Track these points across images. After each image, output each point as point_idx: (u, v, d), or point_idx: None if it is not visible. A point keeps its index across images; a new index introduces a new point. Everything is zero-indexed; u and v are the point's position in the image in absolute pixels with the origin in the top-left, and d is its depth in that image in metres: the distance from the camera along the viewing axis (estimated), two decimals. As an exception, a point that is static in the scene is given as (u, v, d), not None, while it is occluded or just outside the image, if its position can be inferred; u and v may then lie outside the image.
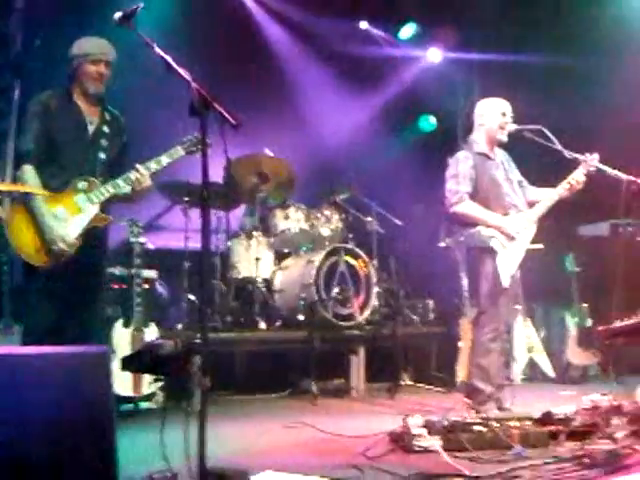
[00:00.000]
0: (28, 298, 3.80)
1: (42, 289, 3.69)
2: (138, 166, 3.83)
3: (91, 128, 3.90)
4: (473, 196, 4.50)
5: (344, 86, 7.95)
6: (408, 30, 8.38)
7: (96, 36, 3.93)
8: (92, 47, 3.87)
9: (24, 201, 3.66)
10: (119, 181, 3.80)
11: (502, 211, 4.51)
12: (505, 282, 4.39)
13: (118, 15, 3.08)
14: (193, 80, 2.93)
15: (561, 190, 4.56)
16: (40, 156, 3.74)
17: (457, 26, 8.05)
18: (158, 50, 3.03)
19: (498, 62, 7.60)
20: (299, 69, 7.95)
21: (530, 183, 4.83)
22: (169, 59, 3.01)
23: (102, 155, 3.88)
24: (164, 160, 3.88)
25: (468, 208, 4.47)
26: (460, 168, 4.53)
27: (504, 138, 4.64)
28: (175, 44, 3.19)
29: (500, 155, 4.74)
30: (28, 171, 3.70)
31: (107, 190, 3.78)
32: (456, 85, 8.45)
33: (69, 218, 3.69)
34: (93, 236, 3.78)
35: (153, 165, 3.85)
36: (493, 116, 4.62)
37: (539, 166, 5.27)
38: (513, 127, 4.61)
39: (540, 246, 5.43)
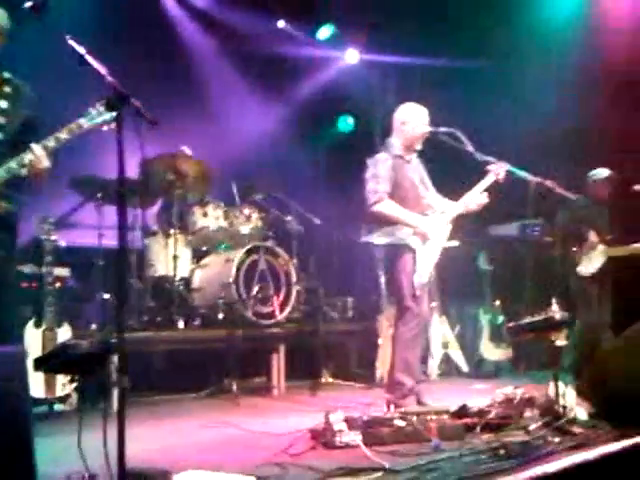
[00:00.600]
0: None
1: None
2: (33, 146, 3.36)
3: None
4: (392, 196, 4.58)
5: (262, 85, 7.92)
6: (326, 31, 8.43)
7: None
8: None
9: None
10: (12, 164, 3.36)
11: (419, 211, 4.63)
12: (424, 279, 4.49)
13: (28, 4, 2.95)
14: (108, 74, 2.83)
15: (469, 205, 4.73)
16: None
17: (372, 28, 8.15)
18: (72, 42, 2.88)
19: (413, 65, 7.77)
20: (216, 67, 7.86)
21: (441, 185, 4.96)
22: (83, 51, 2.88)
23: None
24: (63, 136, 3.38)
25: (387, 208, 4.55)
26: (379, 169, 4.61)
27: (419, 146, 4.78)
28: (88, 39, 3.04)
29: (414, 160, 4.84)
30: None
31: None
32: (373, 87, 8.56)
33: None
34: None
35: (51, 143, 3.38)
36: (413, 125, 4.71)
37: (450, 168, 5.40)
38: (427, 129, 4.72)
39: (456, 243, 5.57)
